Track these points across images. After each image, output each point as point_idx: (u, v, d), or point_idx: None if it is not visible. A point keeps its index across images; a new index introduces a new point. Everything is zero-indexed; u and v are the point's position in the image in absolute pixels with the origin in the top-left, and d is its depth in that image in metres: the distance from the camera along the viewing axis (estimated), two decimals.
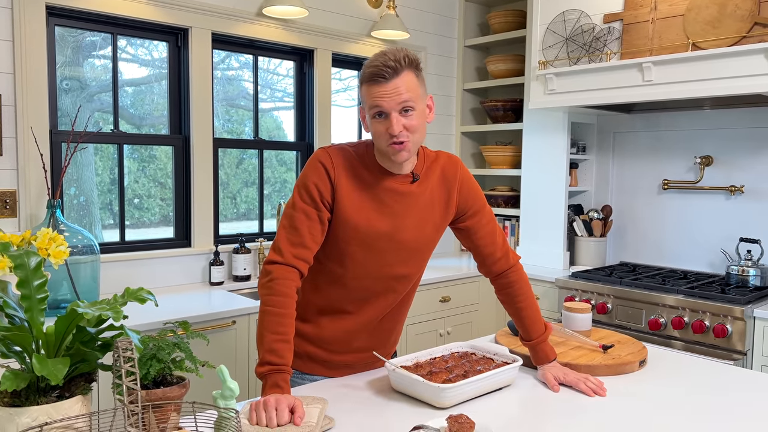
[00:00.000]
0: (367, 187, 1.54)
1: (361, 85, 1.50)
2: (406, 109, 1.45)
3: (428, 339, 3.22)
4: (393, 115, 1.44)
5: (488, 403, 1.44)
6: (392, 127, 1.43)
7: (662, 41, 2.75)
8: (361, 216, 1.52)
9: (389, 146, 1.46)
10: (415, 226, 1.58)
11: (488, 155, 3.96)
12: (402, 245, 1.57)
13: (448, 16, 4.02)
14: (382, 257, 1.56)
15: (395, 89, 1.43)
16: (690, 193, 3.26)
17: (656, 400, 1.47)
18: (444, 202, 1.62)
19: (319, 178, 1.51)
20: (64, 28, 2.62)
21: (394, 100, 1.43)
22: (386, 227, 1.54)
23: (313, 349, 1.64)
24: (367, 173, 1.54)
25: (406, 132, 1.45)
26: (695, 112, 3.23)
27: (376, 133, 1.48)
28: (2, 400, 1.02)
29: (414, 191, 1.57)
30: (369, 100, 1.46)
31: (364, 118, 1.53)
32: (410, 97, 1.44)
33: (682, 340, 2.70)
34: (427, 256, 1.65)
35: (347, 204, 1.51)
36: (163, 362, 1.15)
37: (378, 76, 1.43)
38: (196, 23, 2.88)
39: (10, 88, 2.39)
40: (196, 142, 2.93)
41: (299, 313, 1.65)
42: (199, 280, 2.96)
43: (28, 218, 2.44)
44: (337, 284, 1.58)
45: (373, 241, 1.54)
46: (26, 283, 1.05)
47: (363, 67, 1.48)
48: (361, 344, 1.66)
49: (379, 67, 1.43)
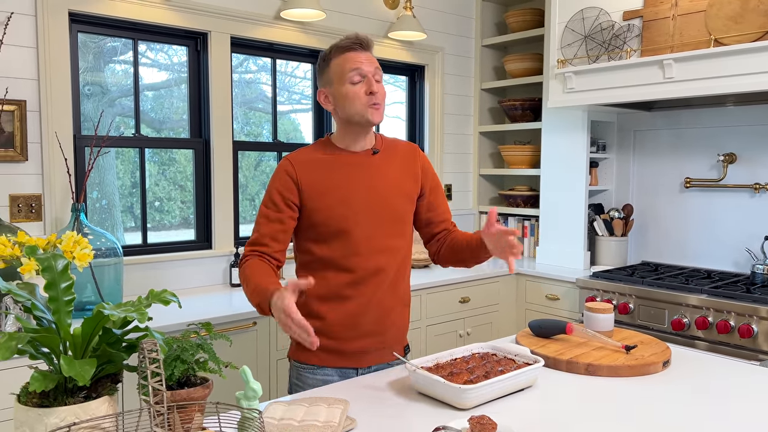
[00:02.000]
0: (331, 168, 1.67)
1: (330, 60, 1.65)
2: (377, 78, 1.64)
3: (448, 340, 3.22)
4: (370, 77, 1.62)
5: (510, 404, 1.44)
6: (373, 85, 1.61)
7: (683, 38, 2.72)
8: (334, 196, 1.65)
9: (368, 108, 1.62)
10: (385, 190, 1.69)
11: (507, 155, 3.95)
12: (378, 215, 1.67)
13: (465, 15, 4.01)
14: (363, 231, 1.66)
15: (368, 57, 1.64)
16: (713, 191, 3.21)
17: (681, 402, 1.45)
18: (410, 174, 1.76)
19: (281, 183, 1.67)
20: (86, 34, 2.66)
21: (372, 64, 1.64)
22: (360, 197, 1.66)
23: (323, 341, 1.69)
24: (329, 157, 1.69)
25: (380, 95, 1.63)
26: (717, 109, 3.18)
27: (353, 96, 1.62)
28: (31, 400, 1.04)
29: (377, 162, 1.71)
30: (347, 65, 1.61)
31: (327, 97, 1.68)
32: (379, 69, 1.65)
33: (706, 340, 2.66)
34: (406, 228, 1.76)
35: (316, 190, 1.65)
36: (187, 363, 1.16)
37: (355, 43, 1.63)
38: (216, 27, 2.91)
39: (35, 95, 2.44)
40: (216, 145, 2.96)
41: (303, 310, 1.72)
42: (219, 281, 2.98)
43: (53, 222, 2.48)
44: (331, 268, 1.68)
45: (350, 217, 1.65)
46: (54, 286, 1.07)
47: (331, 48, 1.65)
48: (368, 328, 1.70)
49: (352, 39, 1.63)
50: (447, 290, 3.19)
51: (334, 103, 1.67)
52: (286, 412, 1.31)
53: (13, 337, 1.00)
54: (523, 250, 1.61)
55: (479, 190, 4.15)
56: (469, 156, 4.12)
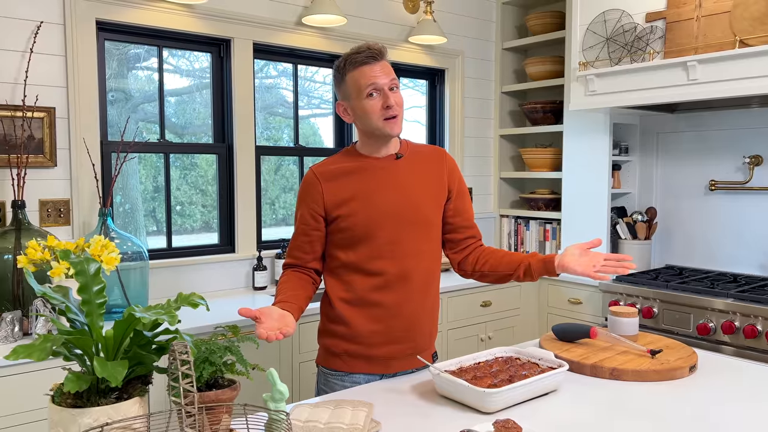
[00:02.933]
0: (357, 176, 1.68)
1: (346, 74, 1.65)
2: (392, 87, 1.64)
3: (469, 344, 3.21)
4: (386, 90, 1.62)
5: (534, 408, 1.43)
6: (389, 98, 1.61)
7: (707, 39, 2.69)
8: (357, 200, 1.66)
9: (385, 120, 1.63)
10: (411, 198, 1.68)
11: (528, 158, 3.93)
12: (403, 217, 1.67)
13: (486, 19, 4.01)
14: (388, 234, 1.66)
15: (383, 68, 1.63)
16: (739, 193, 3.17)
17: (709, 406, 1.43)
18: (436, 178, 1.75)
19: (306, 195, 1.70)
20: (111, 41, 2.71)
21: (387, 77, 1.63)
22: (387, 201, 1.66)
23: (350, 347, 1.69)
24: (353, 164, 1.70)
25: (396, 106, 1.63)
26: (743, 111, 3.14)
27: (370, 111, 1.62)
28: (65, 401, 1.06)
29: (401, 166, 1.71)
30: (362, 80, 1.61)
31: (345, 110, 1.69)
32: (394, 78, 1.65)
33: (733, 345, 2.62)
34: (434, 232, 1.74)
35: (340, 197, 1.66)
36: (215, 365, 1.18)
37: (370, 57, 1.62)
38: (239, 34, 2.95)
39: (64, 102, 2.49)
40: (239, 150, 2.99)
41: (330, 316, 1.73)
42: (242, 285, 3.01)
43: (81, 226, 2.53)
44: (357, 272, 1.68)
45: (375, 219, 1.65)
46: (86, 289, 1.10)
47: (343, 61, 1.65)
48: (397, 334, 1.70)
49: (365, 52, 1.62)
50: (468, 294, 3.18)
51: (353, 115, 1.68)
52: (312, 414, 1.32)
53: (48, 338, 1.02)
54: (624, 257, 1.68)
55: (500, 194, 4.14)
56: (489, 159, 4.11)
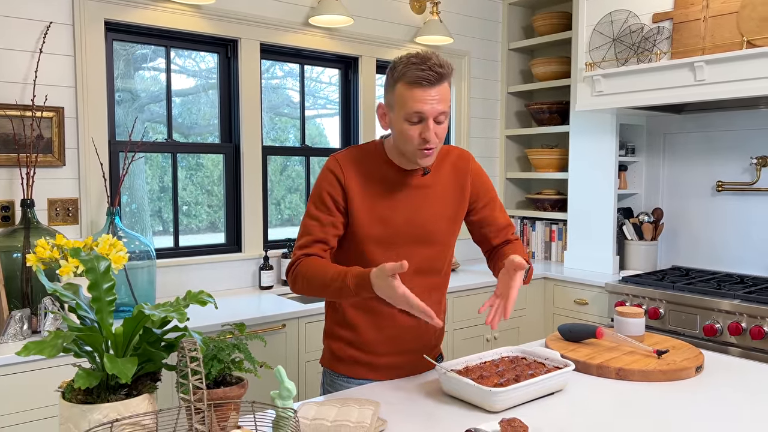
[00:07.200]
0: (378, 183, 1.58)
1: (397, 83, 1.47)
2: (439, 120, 1.48)
3: (475, 344, 3.21)
4: (430, 122, 1.46)
5: (541, 407, 1.43)
6: (429, 133, 1.46)
7: (715, 39, 2.68)
8: (375, 213, 1.57)
9: (419, 150, 1.49)
10: (428, 218, 1.61)
11: (534, 158, 3.93)
12: (418, 238, 1.60)
13: (492, 19, 4.01)
14: (400, 251, 1.59)
15: (436, 96, 1.44)
16: (746, 194, 3.16)
17: (716, 407, 1.43)
18: (457, 193, 1.65)
19: (330, 185, 1.57)
20: (119, 42, 2.73)
21: (435, 108, 1.45)
22: (400, 220, 1.58)
23: (355, 353, 1.67)
24: (377, 169, 1.59)
25: (436, 139, 1.48)
26: (750, 112, 3.13)
27: (406, 136, 1.49)
28: (75, 397, 1.07)
29: (426, 183, 1.61)
30: (410, 102, 1.44)
31: (384, 116, 1.54)
32: (445, 108, 1.47)
33: (740, 346, 2.62)
34: (446, 250, 1.67)
35: (360, 202, 1.57)
36: (223, 363, 1.19)
37: (425, 80, 1.43)
38: (246, 34, 2.96)
39: (72, 101, 2.51)
40: (245, 150, 3.01)
41: (336, 318, 1.68)
42: (249, 284, 3.02)
43: (89, 225, 2.55)
44: None
45: (389, 236, 1.58)
46: (96, 286, 1.11)
47: (402, 65, 1.46)
48: (405, 347, 1.66)
49: (427, 71, 1.42)
50: (474, 294, 3.18)
51: (390, 125, 1.55)
52: (319, 412, 1.33)
53: (59, 335, 1.04)
54: (506, 317, 1.46)
55: (506, 194, 4.14)
56: (495, 159, 4.11)
